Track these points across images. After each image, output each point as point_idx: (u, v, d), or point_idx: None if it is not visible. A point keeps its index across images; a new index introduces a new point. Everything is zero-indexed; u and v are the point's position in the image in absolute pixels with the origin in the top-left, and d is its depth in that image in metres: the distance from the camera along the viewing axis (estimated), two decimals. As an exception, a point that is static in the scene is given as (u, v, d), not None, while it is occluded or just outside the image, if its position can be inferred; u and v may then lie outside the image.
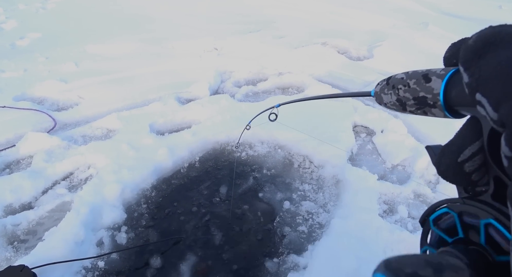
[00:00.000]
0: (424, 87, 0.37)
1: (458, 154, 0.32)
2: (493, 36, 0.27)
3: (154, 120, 3.32)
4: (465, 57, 0.29)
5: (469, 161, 0.31)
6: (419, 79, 0.38)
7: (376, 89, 0.48)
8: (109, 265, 2.05)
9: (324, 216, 2.41)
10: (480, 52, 0.27)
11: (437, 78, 0.35)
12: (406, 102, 0.40)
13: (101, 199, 2.37)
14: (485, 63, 0.27)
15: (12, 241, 2.18)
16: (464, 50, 0.29)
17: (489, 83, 0.26)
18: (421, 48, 5.35)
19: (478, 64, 0.27)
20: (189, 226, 2.37)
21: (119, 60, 4.86)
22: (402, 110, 0.42)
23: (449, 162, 0.32)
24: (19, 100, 3.78)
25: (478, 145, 0.31)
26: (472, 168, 0.31)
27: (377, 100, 0.48)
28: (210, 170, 2.86)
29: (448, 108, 0.34)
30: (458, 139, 0.32)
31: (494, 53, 0.26)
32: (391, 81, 0.44)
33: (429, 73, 0.36)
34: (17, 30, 6.25)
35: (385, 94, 0.44)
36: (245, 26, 6.48)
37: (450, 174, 0.33)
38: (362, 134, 3.31)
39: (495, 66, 0.26)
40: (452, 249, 0.34)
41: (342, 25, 6.56)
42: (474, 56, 0.28)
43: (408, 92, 0.39)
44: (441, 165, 0.33)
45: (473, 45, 0.28)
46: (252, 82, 4.42)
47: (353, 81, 4.35)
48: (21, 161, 2.91)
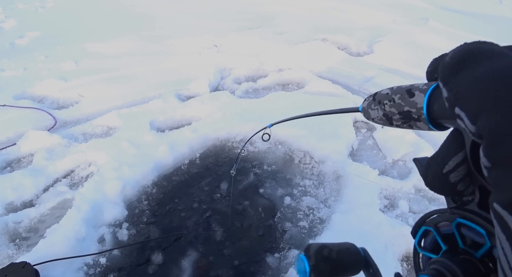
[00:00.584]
0: (408, 102, 0.38)
1: (443, 165, 0.33)
2: (467, 53, 0.29)
3: (154, 118, 3.32)
4: (443, 73, 0.30)
5: (453, 171, 0.32)
6: (403, 94, 0.39)
7: (364, 105, 0.49)
8: (110, 262, 2.06)
9: (325, 211, 2.41)
10: (456, 69, 0.29)
11: (420, 93, 0.36)
12: (392, 117, 0.41)
13: (102, 196, 2.38)
14: (461, 79, 0.28)
15: (14, 239, 2.19)
16: (442, 67, 0.30)
17: (466, 98, 0.27)
18: (421, 44, 5.33)
19: (455, 80, 0.28)
20: (190, 222, 2.38)
21: (118, 58, 4.85)
22: (389, 124, 0.43)
23: (435, 173, 0.33)
24: (19, 99, 3.79)
25: (461, 156, 0.32)
26: (457, 178, 0.32)
27: (365, 115, 0.49)
28: (211, 166, 2.86)
29: (432, 121, 0.36)
30: (442, 151, 0.34)
31: (468, 69, 0.28)
32: (377, 97, 0.45)
33: (412, 88, 0.38)
34: (17, 29, 6.25)
35: (372, 110, 0.46)
36: (245, 23, 6.46)
37: (436, 185, 0.34)
38: (362, 129, 3.31)
39: (471, 82, 0.27)
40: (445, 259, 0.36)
41: (342, 21, 6.53)
42: (451, 72, 0.29)
43: (394, 107, 0.41)
44: (427, 177, 0.34)
45: (450, 62, 0.30)
46: (252, 78, 4.41)
47: (353, 77, 4.34)
48: (22, 159, 2.92)
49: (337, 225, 2.21)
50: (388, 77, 4.25)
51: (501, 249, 0.23)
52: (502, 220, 0.23)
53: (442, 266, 0.35)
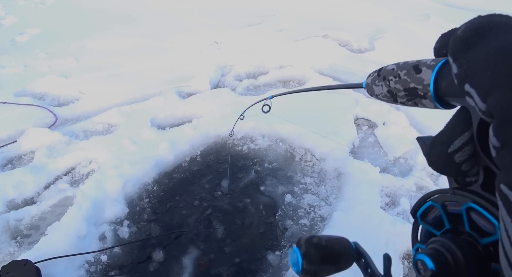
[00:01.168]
0: (415, 78, 0.36)
1: (449, 145, 0.32)
2: (481, 26, 0.27)
3: (155, 115, 3.32)
4: (454, 48, 0.28)
5: (459, 151, 0.31)
6: (410, 70, 0.37)
7: (368, 80, 0.48)
8: (111, 259, 2.06)
9: (326, 209, 2.41)
10: (468, 43, 0.27)
11: (427, 69, 0.35)
12: (397, 93, 0.40)
13: (103, 194, 2.38)
14: (474, 54, 0.26)
15: (15, 236, 2.19)
16: (453, 41, 0.29)
17: (477, 74, 0.26)
18: (423, 40, 5.30)
19: (467, 55, 0.27)
20: (191, 220, 2.38)
21: (119, 55, 4.84)
22: (393, 101, 0.42)
23: (440, 152, 0.32)
24: (20, 96, 3.78)
25: (468, 136, 0.31)
26: (462, 158, 0.31)
27: (368, 92, 0.48)
28: (212, 163, 2.85)
29: (439, 99, 0.34)
30: (448, 130, 0.32)
31: (482, 44, 0.26)
32: (382, 73, 0.43)
33: (420, 64, 0.36)
34: (17, 26, 6.23)
35: (376, 86, 0.44)
36: (245, 20, 6.44)
37: (440, 164, 0.33)
38: (363, 127, 3.30)
39: (484, 57, 0.25)
40: (443, 239, 0.35)
41: (343, 17, 6.50)
42: (462, 47, 0.28)
43: (399, 83, 0.39)
44: (431, 156, 0.33)
45: (462, 36, 0.28)
46: (253, 75, 4.40)
47: (354, 74, 4.32)
48: (23, 157, 2.92)
49: (338, 223, 2.21)
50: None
51: (505, 231, 0.23)
52: (508, 201, 0.22)
53: (442, 246, 0.35)
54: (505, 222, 0.23)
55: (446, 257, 0.33)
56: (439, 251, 0.34)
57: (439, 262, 0.33)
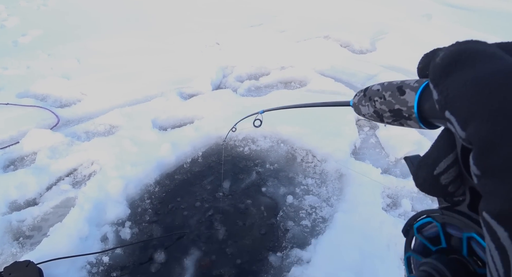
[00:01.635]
0: (399, 100, 0.37)
1: (434, 167, 0.32)
2: (459, 54, 0.28)
3: (156, 116, 3.32)
4: (434, 75, 0.29)
5: (444, 173, 0.32)
6: (394, 91, 0.38)
7: (354, 100, 0.48)
8: (113, 260, 2.07)
9: (327, 210, 2.41)
10: (447, 71, 0.28)
11: (411, 91, 0.35)
12: (382, 114, 0.41)
13: (104, 195, 2.39)
14: (452, 82, 0.27)
15: (17, 237, 2.20)
16: (432, 68, 0.29)
17: (456, 103, 0.26)
18: (424, 41, 5.29)
19: (446, 83, 0.28)
20: (192, 221, 2.38)
21: (121, 56, 4.85)
22: (380, 121, 0.42)
23: (426, 175, 0.33)
24: (22, 97, 3.80)
25: (452, 157, 0.31)
26: (448, 180, 0.32)
27: (355, 111, 0.48)
28: (213, 165, 2.86)
29: (423, 120, 0.35)
30: (433, 152, 0.33)
31: (460, 72, 0.27)
32: (367, 93, 0.44)
33: (403, 86, 0.37)
34: (19, 28, 6.25)
35: (363, 106, 0.45)
36: (247, 21, 6.44)
37: (427, 186, 0.33)
38: (365, 128, 3.30)
39: (461, 86, 0.26)
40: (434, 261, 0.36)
41: (344, 18, 6.49)
42: (441, 74, 0.28)
43: (384, 104, 0.40)
44: (418, 178, 0.34)
45: (441, 64, 0.29)
46: (254, 76, 4.40)
47: (355, 75, 4.32)
48: (25, 158, 2.93)
49: (340, 224, 2.21)
50: (391, 75, 4.22)
51: (490, 256, 0.23)
52: (491, 229, 0.23)
53: (432, 267, 0.35)
54: (490, 248, 0.23)
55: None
56: (430, 274, 0.35)
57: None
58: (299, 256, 2.08)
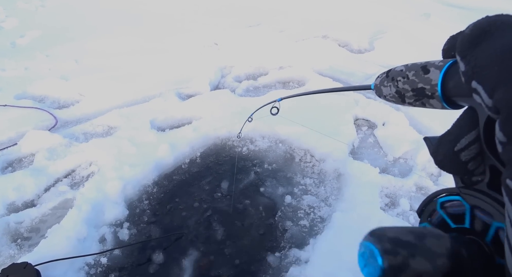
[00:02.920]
0: (423, 78, 0.37)
1: (455, 143, 0.32)
2: (488, 25, 0.28)
3: (155, 117, 3.32)
4: (462, 47, 0.29)
5: (465, 150, 0.31)
6: (418, 71, 0.38)
7: (376, 82, 0.48)
8: (111, 261, 2.07)
9: (325, 210, 2.41)
10: (476, 41, 0.28)
11: (435, 70, 0.35)
12: (405, 94, 0.40)
13: (103, 196, 2.38)
14: (481, 51, 0.27)
15: (15, 239, 2.20)
16: (461, 40, 0.29)
17: (484, 71, 0.26)
18: (423, 40, 5.29)
19: (474, 53, 0.27)
20: (191, 222, 2.38)
21: (119, 57, 4.85)
22: (401, 102, 0.42)
23: (446, 151, 0.32)
24: (20, 98, 3.79)
25: (474, 134, 0.31)
26: (469, 157, 0.32)
27: (376, 93, 0.48)
28: (211, 165, 2.86)
29: (446, 99, 0.35)
30: (455, 129, 0.33)
31: (489, 42, 0.27)
32: (390, 74, 0.44)
33: (428, 65, 0.36)
34: (17, 29, 6.24)
35: (385, 87, 0.45)
36: (245, 21, 6.44)
37: (447, 163, 0.33)
38: (363, 127, 3.30)
39: (490, 54, 0.26)
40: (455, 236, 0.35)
41: (342, 17, 6.49)
42: (470, 45, 0.28)
43: (407, 84, 0.39)
44: (438, 155, 0.33)
45: (470, 34, 0.28)
46: (252, 76, 4.40)
47: (354, 74, 4.32)
48: (23, 159, 2.93)
49: (338, 224, 2.21)
50: (389, 74, 4.21)
51: (511, 226, 0.23)
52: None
53: None
54: (510, 216, 0.23)
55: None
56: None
57: None
58: (298, 256, 2.07)
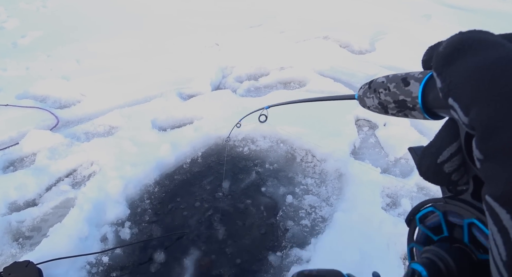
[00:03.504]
0: (403, 90, 0.37)
1: (437, 155, 0.32)
2: (461, 42, 0.28)
3: (156, 117, 3.33)
4: (437, 64, 0.30)
5: (448, 161, 0.32)
6: (399, 83, 0.38)
7: (359, 93, 0.49)
8: (113, 260, 2.07)
9: (327, 209, 2.41)
10: (449, 59, 0.28)
11: (415, 82, 0.36)
12: (387, 105, 0.41)
13: (104, 195, 2.38)
14: (455, 70, 0.28)
15: (17, 238, 2.20)
16: (435, 57, 0.30)
17: (459, 89, 0.27)
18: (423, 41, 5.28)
19: (449, 70, 0.28)
20: (192, 221, 2.38)
21: (120, 57, 4.85)
22: (384, 113, 0.43)
23: (429, 163, 0.33)
24: (21, 98, 3.80)
25: (456, 146, 0.32)
26: (452, 168, 0.32)
27: (360, 103, 0.49)
28: (213, 165, 2.86)
29: (427, 111, 0.35)
30: (437, 141, 0.33)
31: (463, 60, 0.27)
32: (372, 85, 0.45)
33: (408, 77, 0.37)
34: (19, 29, 6.25)
35: (368, 98, 0.46)
36: (246, 21, 6.45)
37: (430, 174, 0.34)
38: (364, 127, 3.30)
39: (464, 72, 0.27)
40: (436, 248, 0.36)
41: (343, 18, 6.51)
42: (444, 62, 0.29)
43: (389, 95, 0.40)
44: (421, 167, 0.34)
45: (443, 52, 0.29)
46: (253, 77, 4.40)
47: (355, 75, 4.33)
48: (24, 159, 2.93)
49: (339, 224, 2.21)
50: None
51: (493, 240, 0.23)
52: (493, 212, 0.23)
53: (434, 254, 0.35)
54: (492, 231, 0.23)
55: (439, 266, 0.34)
56: (432, 261, 0.35)
57: (432, 271, 0.34)
58: (299, 256, 2.08)
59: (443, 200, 0.37)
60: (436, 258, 0.35)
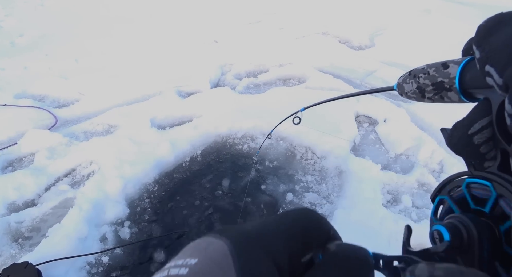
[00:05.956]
0: (442, 73, 0.40)
1: (469, 127, 0.34)
2: (502, 17, 0.31)
3: (155, 115, 3.31)
4: (478, 36, 0.32)
5: (478, 133, 0.34)
6: (438, 67, 0.41)
7: (399, 81, 0.52)
8: (113, 260, 2.06)
9: (327, 207, 2.39)
10: (490, 31, 0.31)
11: (454, 65, 0.38)
12: (425, 88, 0.44)
13: (103, 195, 2.37)
14: (494, 39, 0.30)
15: (16, 238, 2.19)
16: (477, 31, 0.32)
17: (496, 54, 0.29)
18: (423, 36, 5.26)
19: (488, 41, 0.30)
20: (192, 220, 2.37)
21: (119, 55, 4.83)
22: (421, 97, 0.46)
23: (460, 134, 0.35)
24: (20, 98, 3.78)
25: (487, 120, 0.34)
26: (481, 140, 0.34)
27: (399, 91, 0.53)
28: (212, 163, 2.84)
29: (463, 91, 0.38)
30: (469, 115, 0.35)
31: (502, 31, 0.30)
32: (412, 72, 0.48)
33: (448, 62, 0.40)
34: (17, 28, 6.22)
35: (407, 84, 0.49)
36: (245, 18, 6.42)
37: (460, 145, 0.36)
38: (364, 124, 3.28)
39: (502, 40, 0.29)
40: (463, 215, 0.36)
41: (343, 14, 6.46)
42: (485, 34, 0.31)
43: (428, 79, 0.43)
44: (453, 138, 0.36)
45: (485, 25, 0.32)
46: (253, 74, 4.38)
47: (354, 71, 4.30)
48: (23, 159, 2.92)
49: (340, 221, 2.19)
50: (390, 70, 4.20)
51: None
52: None
53: (458, 221, 0.36)
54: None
55: (461, 231, 0.35)
56: (456, 225, 0.36)
57: (454, 235, 0.34)
58: (300, 254, 2.06)
59: (469, 172, 0.38)
60: (459, 224, 0.36)
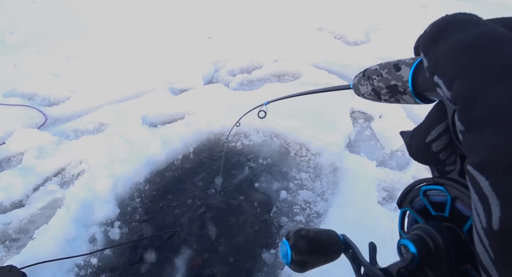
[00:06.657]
0: (395, 76, 0.39)
1: (426, 135, 0.34)
2: (446, 23, 0.30)
3: (146, 112, 3.25)
4: (424, 44, 0.31)
5: (436, 141, 0.34)
6: (390, 69, 0.40)
7: (354, 81, 0.52)
8: (102, 262, 2.01)
9: (322, 204, 2.35)
10: (435, 39, 0.30)
11: (406, 67, 0.38)
12: (380, 91, 0.43)
13: (93, 194, 2.32)
14: (439, 48, 0.29)
15: (3, 240, 2.13)
16: (422, 38, 0.32)
17: (442, 66, 0.28)
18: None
19: (434, 49, 0.29)
20: (184, 219, 2.32)
21: (110, 52, 4.75)
22: (377, 99, 0.45)
23: (418, 143, 0.35)
24: (9, 96, 3.70)
25: (443, 126, 0.33)
26: (439, 148, 0.34)
27: (355, 91, 0.52)
28: (205, 161, 2.79)
29: (417, 94, 0.37)
30: (425, 122, 0.35)
31: (446, 39, 0.29)
32: (366, 73, 0.47)
33: (399, 63, 0.39)
34: (7, 25, 6.11)
35: (362, 85, 0.48)
36: (239, 13, 6.34)
37: (419, 154, 0.35)
38: (360, 120, 3.23)
39: (447, 50, 0.28)
40: (426, 225, 0.36)
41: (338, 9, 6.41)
42: (430, 42, 0.30)
43: (381, 81, 0.42)
44: (411, 147, 0.36)
45: (429, 32, 0.31)
46: (246, 70, 4.32)
47: (349, 66, 4.25)
48: (11, 158, 2.85)
49: (335, 219, 2.15)
50: (386, 65, 4.15)
51: (475, 209, 0.24)
52: (474, 181, 0.24)
53: (423, 232, 0.36)
54: (474, 201, 0.24)
55: (427, 242, 0.35)
56: (420, 237, 0.36)
57: (420, 247, 0.35)
58: (293, 253, 2.02)
59: (431, 180, 0.38)
60: (424, 234, 0.36)
